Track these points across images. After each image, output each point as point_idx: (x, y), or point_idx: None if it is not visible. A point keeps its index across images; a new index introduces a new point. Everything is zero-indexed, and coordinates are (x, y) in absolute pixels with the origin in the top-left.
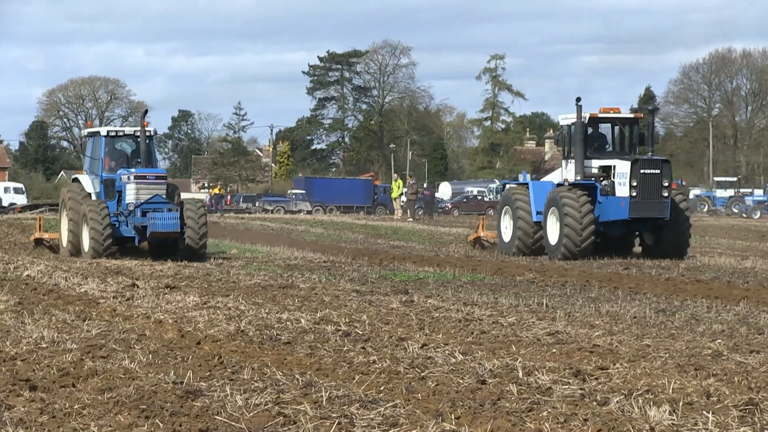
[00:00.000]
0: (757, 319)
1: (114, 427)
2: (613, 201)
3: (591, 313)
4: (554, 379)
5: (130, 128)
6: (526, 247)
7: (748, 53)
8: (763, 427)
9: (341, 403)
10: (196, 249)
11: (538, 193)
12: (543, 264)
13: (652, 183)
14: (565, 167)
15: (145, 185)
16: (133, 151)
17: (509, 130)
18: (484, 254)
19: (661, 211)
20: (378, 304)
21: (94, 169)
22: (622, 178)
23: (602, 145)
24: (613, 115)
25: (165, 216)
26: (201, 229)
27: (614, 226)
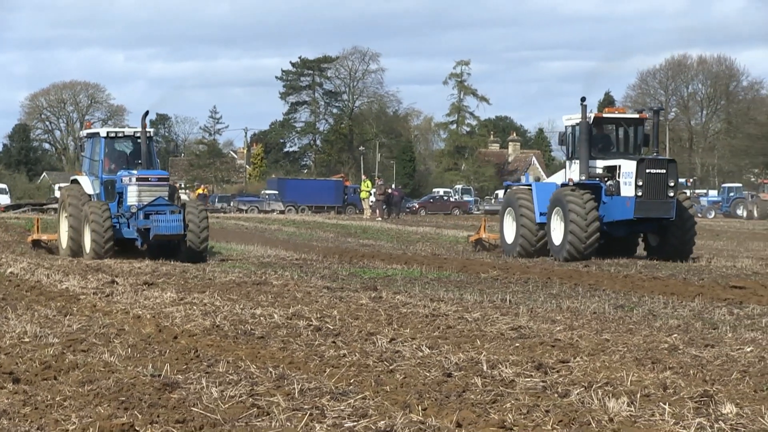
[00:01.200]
0: (712, 314)
1: (94, 418)
2: (618, 201)
3: (552, 309)
4: (517, 372)
5: (130, 129)
6: (529, 249)
7: (703, 60)
8: (717, 418)
9: (313, 395)
10: (197, 251)
11: (541, 195)
12: (506, 262)
13: (658, 183)
14: (569, 168)
15: (147, 187)
16: (132, 153)
17: (474, 133)
18: (486, 256)
19: (666, 211)
20: (348, 300)
21: (94, 170)
22: (627, 177)
23: (606, 146)
24: (618, 115)
25: (168, 218)
26: (202, 231)
27: (619, 227)
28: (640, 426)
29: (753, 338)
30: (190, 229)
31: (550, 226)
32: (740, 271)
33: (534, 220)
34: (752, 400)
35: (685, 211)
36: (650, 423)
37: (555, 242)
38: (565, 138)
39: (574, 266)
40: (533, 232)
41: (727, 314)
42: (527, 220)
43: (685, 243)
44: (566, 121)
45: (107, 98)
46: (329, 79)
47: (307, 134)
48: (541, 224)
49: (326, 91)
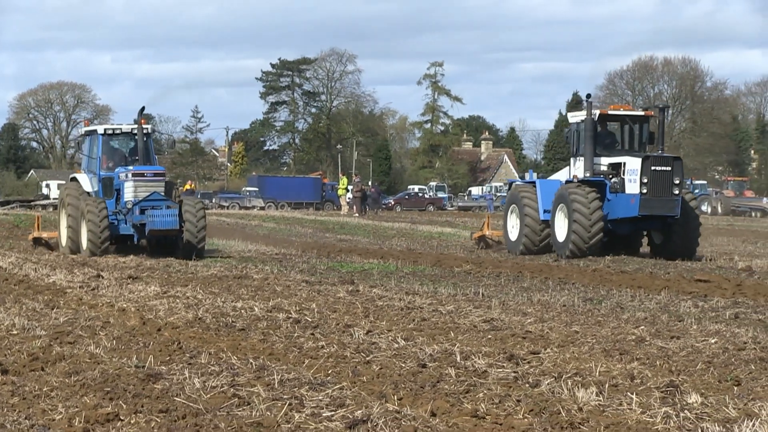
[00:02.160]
0: (678, 307)
1: (80, 408)
2: (623, 198)
3: (523, 302)
4: (489, 362)
5: (128, 126)
6: (532, 246)
7: (669, 61)
8: (683, 407)
9: (292, 386)
10: (194, 246)
11: (545, 192)
12: (479, 256)
13: (663, 180)
14: (573, 165)
15: (143, 182)
16: (131, 149)
17: (448, 132)
18: (490, 253)
19: (671, 209)
20: (326, 294)
21: (92, 167)
22: (632, 174)
23: (611, 143)
24: (623, 112)
25: (164, 213)
26: (200, 227)
27: (623, 224)
28: (608, 415)
29: (717, 330)
30: (187, 225)
31: (554, 222)
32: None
33: (538, 217)
34: (716, 390)
35: (689, 210)
36: (618, 412)
37: (559, 239)
38: (570, 135)
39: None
40: (537, 230)
41: (692, 307)
42: (531, 218)
43: (689, 241)
44: (571, 118)
45: (93, 98)
46: (308, 79)
47: (287, 133)
48: (545, 221)
49: (305, 91)
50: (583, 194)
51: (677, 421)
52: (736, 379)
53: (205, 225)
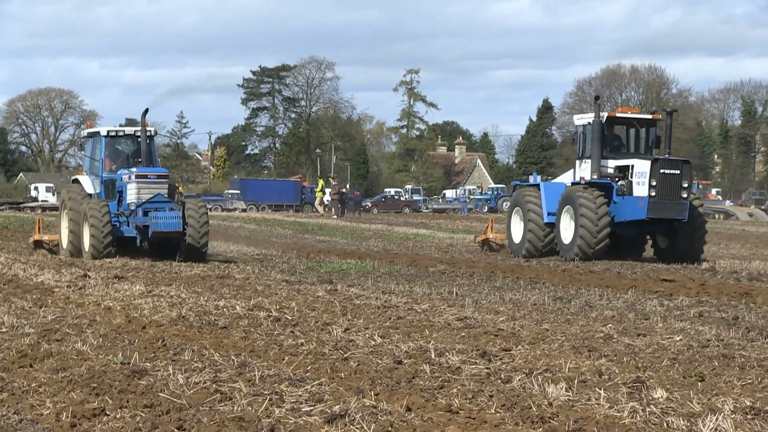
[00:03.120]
0: (644, 305)
1: (67, 403)
2: (630, 201)
3: (496, 301)
4: (463, 359)
5: (130, 128)
6: (536, 249)
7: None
8: (649, 402)
9: (272, 381)
10: (197, 248)
11: (549, 194)
12: (453, 257)
13: (672, 183)
14: (579, 167)
15: (146, 184)
16: (133, 151)
17: (423, 137)
18: (492, 256)
19: (679, 212)
20: (305, 293)
21: (94, 169)
22: (640, 177)
23: (618, 146)
24: (631, 115)
25: (167, 215)
26: (202, 228)
27: (629, 227)
28: (577, 410)
29: (682, 328)
30: (190, 226)
31: (559, 224)
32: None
33: (542, 219)
34: (681, 385)
35: (696, 213)
36: (587, 407)
37: (564, 241)
38: (576, 137)
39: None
40: (541, 232)
41: (658, 306)
42: (534, 221)
43: (694, 245)
44: (577, 120)
45: (80, 104)
46: (288, 86)
47: (267, 138)
48: (549, 224)
49: (285, 97)
50: (590, 197)
51: (643, 416)
52: (700, 375)
53: (208, 227)
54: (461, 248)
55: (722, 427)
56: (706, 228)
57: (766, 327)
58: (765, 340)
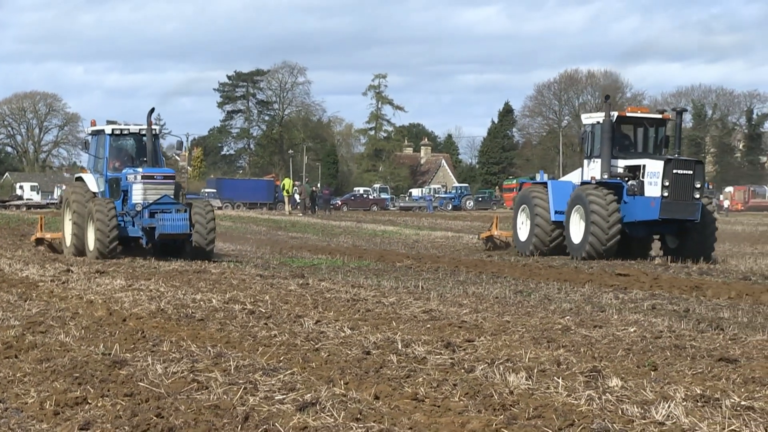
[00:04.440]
0: (600, 298)
1: (51, 392)
2: (641, 201)
3: (460, 294)
4: (428, 350)
5: (136, 126)
6: (542, 247)
7: (592, 74)
8: (605, 390)
9: (247, 371)
10: (204, 250)
11: (557, 193)
12: (419, 252)
13: (685, 184)
14: (587, 166)
15: (152, 185)
16: (137, 150)
17: (390, 138)
18: (498, 253)
19: (692, 212)
20: (278, 287)
21: (98, 168)
22: (653, 177)
23: (627, 146)
24: (641, 115)
25: (174, 217)
26: (210, 231)
27: (638, 227)
28: (536, 397)
29: (636, 320)
30: (196, 228)
31: (569, 224)
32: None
33: (549, 218)
34: (635, 374)
35: (706, 213)
36: (546, 395)
37: (574, 241)
38: (585, 136)
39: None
40: (548, 231)
41: (614, 299)
42: (542, 219)
43: (705, 245)
44: (585, 120)
45: (63, 107)
46: (261, 90)
47: (242, 139)
48: (556, 222)
49: (259, 100)
50: (601, 196)
51: (599, 403)
52: (653, 365)
53: (214, 228)
54: (427, 244)
55: (674, 414)
56: (716, 227)
57: (715, 319)
58: (714, 331)
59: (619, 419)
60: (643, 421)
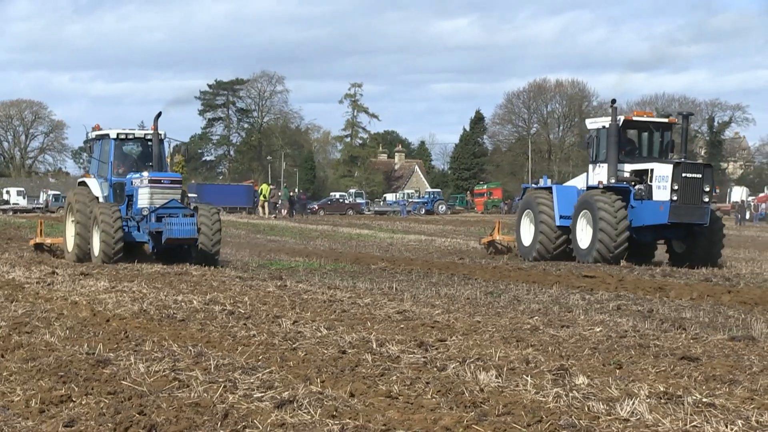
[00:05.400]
0: (567, 299)
1: (36, 391)
2: (649, 205)
3: (432, 295)
4: (402, 349)
5: (141, 131)
6: (547, 252)
7: (560, 83)
8: (572, 388)
9: (226, 370)
10: (209, 255)
11: (562, 198)
12: (393, 255)
13: (694, 187)
14: (593, 171)
15: (159, 189)
16: (141, 155)
17: (366, 145)
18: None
19: (701, 216)
20: (257, 288)
21: (103, 172)
22: (661, 181)
23: (632, 150)
24: (647, 119)
25: (181, 221)
26: (215, 234)
27: (646, 232)
28: (506, 395)
29: (602, 320)
30: (202, 232)
31: (575, 229)
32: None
33: (554, 222)
34: (601, 372)
35: (713, 217)
36: (515, 392)
37: (581, 245)
38: (590, 141)
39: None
40: (553, 236)
41: (580, 299)
42: (546, 224)
43: (712, 250)
44: (590, 125)
45: (49, 114)
46: (241, 98)
47: (222, 146)
48: (560, 227)
49: (239, 108)
50: (609, 201)
51: (567, 400)
52: (618, 363)
53: (220, 233)
54: (400, 247)
55: (638, 410)
56: (723, 232)
57: (678, 319)
58: (677, 330)
59: (586, 416)
60: (608, 417)
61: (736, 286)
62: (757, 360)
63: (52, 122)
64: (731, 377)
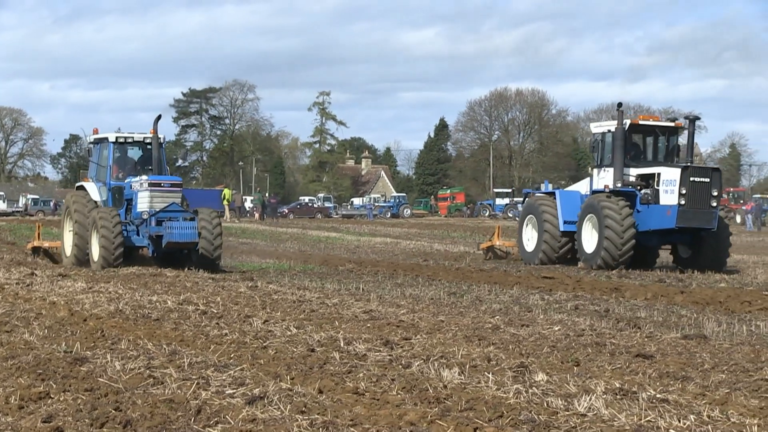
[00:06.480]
0: (527, 299)
1: (16, 388)
2: (656, 209)
3: (397, 296)
4: (368, 347)
5: (140, 135)
6: (551, 257)
7: (520, 92)
8: (531, 384)
9: (200, 367)
10: (210, 259)
11: (566, 203)
12: (360, 257)
13: (702, 192)
14: (598, 175)
15: (159, 193)
16: (141, 158)
17: (334, 151)
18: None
19: (708, 221)
20: (229, 289)
21: (101, 176)
22: (669, 185)
23: (637, 154)
24: (653, 123)
25: (182, 225)
26: (216, 239)
27: (652, 236)
28: (468, 391)
29: (560, 319)
30: (203, 236)
31: (581, 233)
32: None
33: (558, 228)
34: (560, 369)
35: (720, 222)
36: (477, 389)
37: (586, 250)
38: (596, 145)
39: (416, 261)
40: (557, 242)
41: (540, 300)
42: (550, 231)
43: (719, 255)
44: (595, 129)
45: (28, 121)
46: (214, 106)
47: (196, 152)
48: (564, 232)
49: (211, 116)
50: (615, 206)
51: (527, 396)
52: (576, 361)
53: (221, 237)
54: (367, 249)
55: (595, 406)
56: (730, 234)
57: (633, 318)
58: (632, 329)
59: (545, 411)
60: (566, 412)
61: (689, 286)
62: (709, 357)
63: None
64: (684, 374)
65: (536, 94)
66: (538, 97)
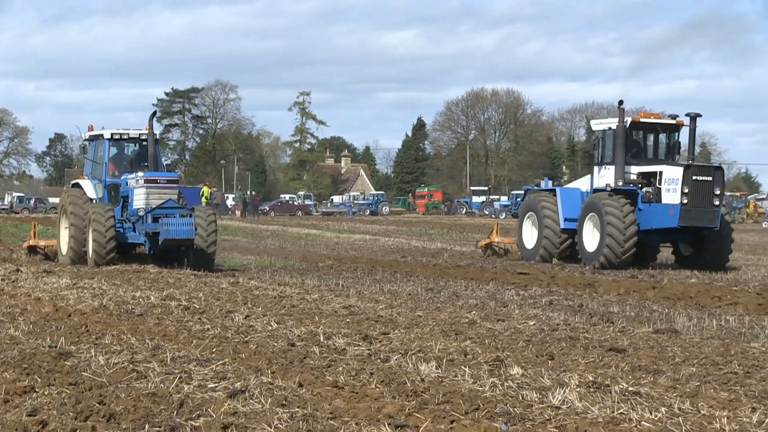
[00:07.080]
0: (503, 295)
1: (1, 382)
2: (658, 208)
3: (376, 291)
4: (348, 342)
5: (135, 131)
6: (551, 254)
7: (496, 92)
8: (507, 377)
9: (182, 362)
10: (206, 255)
11: (566, 200)
12: (339, 253)
13: (704, 190)
14: (598, 173)
15: (156, 189)
16: (137, 155)
17: (314, 150)
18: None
19: (711, 220)
20: (211, 285)
21: (97, 173)
22: (671, 184)
23: (638, 152)
24: (654, 120)
25: (179, 222)
26: (210, 235)
27: (653, 235)
28: (445, 384)
29: (535, 314)
30: (197, 233)
31: (582, 232)
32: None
33: (558, 225)
34: (534, 363)
35: (722, 221)
36: (454, 382)
37: (588, 249)
38: (596, 143)
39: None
40: (557, 239)
41: (515, 295)
42: (550, 228)
43: (721, 253)
44: (596, 126)
45: (14, 120)
46: (196, 105)
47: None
48: (564, 230)
49: (194, 115)
50: (617, 204)
51: (502, 389)
52: (551, 355)
53: (216, 234)
54: (346, 246)
55: (569, 398)
56: (732, 236)
57: (606, 313)
58: (605, 324)
59: (520, 404)
60: (541, 405)
61: (660, 282)
62: (680, 351)
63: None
64: (655, 367)
65: (512, 95)
66: (514, 97)
